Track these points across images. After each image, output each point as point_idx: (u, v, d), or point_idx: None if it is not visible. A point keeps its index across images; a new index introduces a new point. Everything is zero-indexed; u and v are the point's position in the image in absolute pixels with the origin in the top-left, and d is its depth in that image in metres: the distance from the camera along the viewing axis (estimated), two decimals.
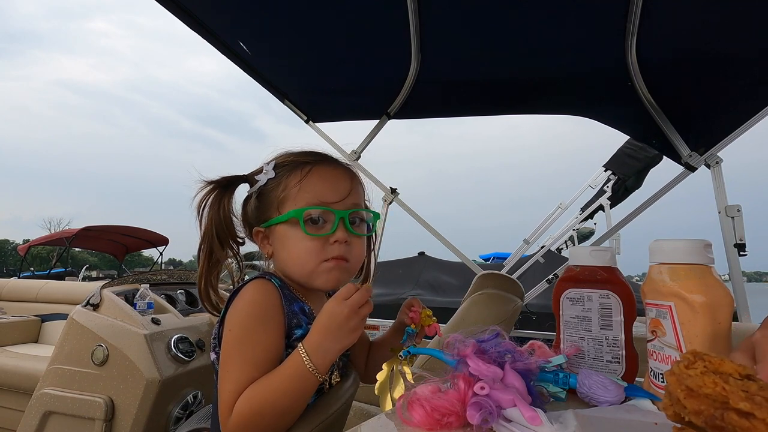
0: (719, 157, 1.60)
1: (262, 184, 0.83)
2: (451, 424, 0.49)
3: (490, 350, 0.58)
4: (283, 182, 0.81)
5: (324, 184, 0.81)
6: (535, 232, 3.77)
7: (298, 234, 0.78)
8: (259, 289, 0.77)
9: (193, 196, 0.85)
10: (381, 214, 2.05)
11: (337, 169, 0.85)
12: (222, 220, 0.85)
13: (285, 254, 0.81)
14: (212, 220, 0.84)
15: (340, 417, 0.83)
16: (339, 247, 0.79)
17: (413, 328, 0.81)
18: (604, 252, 0.72)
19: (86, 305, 1.55)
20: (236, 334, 0.73)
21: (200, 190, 0.85)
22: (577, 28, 1.49)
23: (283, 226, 0.80)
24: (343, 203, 0.80)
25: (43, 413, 1.43)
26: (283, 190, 0.81)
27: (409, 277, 5.48)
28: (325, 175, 0.82)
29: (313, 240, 0.78)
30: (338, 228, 0.78)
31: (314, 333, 0.71)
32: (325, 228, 0.79)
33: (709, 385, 0.33)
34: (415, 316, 0.82)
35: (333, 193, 0.80)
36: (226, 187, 0.86)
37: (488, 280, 1.91)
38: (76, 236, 9.21)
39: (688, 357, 0.37)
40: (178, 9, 1.42)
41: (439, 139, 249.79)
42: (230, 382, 0.70)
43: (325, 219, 0.79)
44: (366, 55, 1.77)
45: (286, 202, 0.80)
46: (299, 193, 0.80)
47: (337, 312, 0.70)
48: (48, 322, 3.15)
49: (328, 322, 0.70)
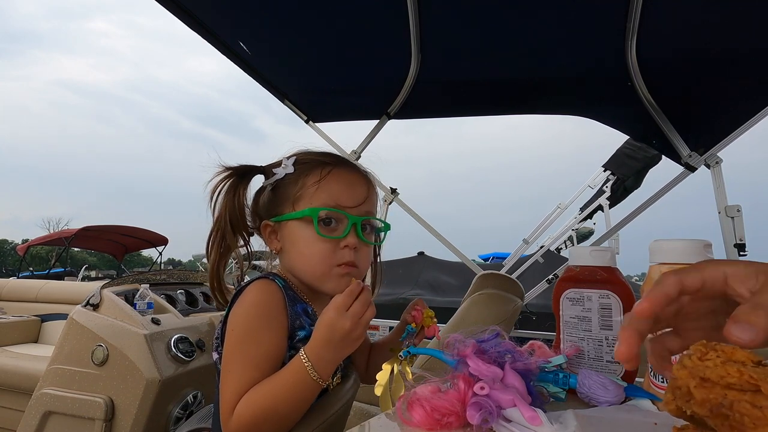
0: (719, 157, 1.60)
1: (279, 178, 0.83)
2: (451, 424, 0.49)
3: (490, 350, 0.59)
4: (302, 179, 0.81)
5: (342, 187, 0.81)
6: (534, 232, 3.77)
7: (309, 233, 0.78)
8: (263, 289, 0.77)
9: (208, 180, 0.83)
10: (381, 214, 2.04)
11: (356, 175, 0.85)
12: (236, 207, 0.84)
13: (295, 252, 0.81)
14: (226, 206, 0.84)
15: (340, 417, 0.83)
16: (349, 253, 0.79)
17: (413, 327, 0.82)
18: (604, 252, 0.72)
19: (86, 305, 1.55)
20: (239, 335, 0.73)
21: (216, 174, 0.84)
22: (577, 28, 1.49)
23: (296, 223, 0.80)
24: (357, 209, 0.80)
25: (43, 413, 1.43)
26: (300, 187, 0.81)
27: (409, 277, 5.48)
28: (344, 178, 0.82)
29: (324, 242, 0.78)
30: (350, 233, 0.78)
31: (316, 345, 0.70)
32: (337, 231, 0.79)
33: (734, 374, 0.32)
34: (417, 315, 0.83)
35: (349, 198, 0.80)
36: (243, 176, 0.86)
37: (488, 280, 1.91)
38: (75, 236, 9.21)
39: (700, 348, 0.35)
40: (178, 9, 1.42)
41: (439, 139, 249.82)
42: (232, 383, 0.70)
43: (338, 222, 0.79)
44: (366, 55, 1.77)
45: (302, 199, 0.80)
46: (316, 193, 0.80)
47: (339, 326, 0.69)
48: (48, 322, 3.15)
49: (330, 335, 0.69)
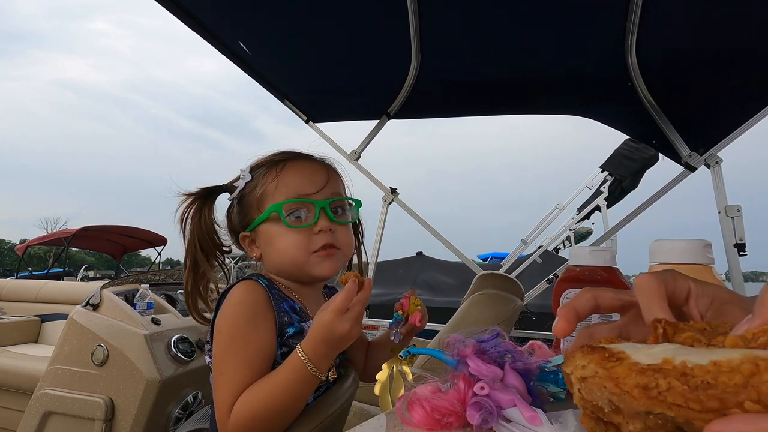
0: (719, 157, 1.60)
1: (241, 189, 0.85)
2: (451, 425, 0.49)
3: (490, 350, 0.58)
4: (260, 182, 0.83)
5: (300, 177, 0.82)
6: (533, 233, 3.78)
7: (281, 229, 0.80)
8: (246, 289, 0.77)
9: (174, 210, 0.86)
10: (381, 215, 2.05)
11: (312, 162, 0.86)
12: (204, 230, 0.86)
13: (273, 252, 0.82)
14: (194, 231, 0.85)
15: (340, 417, 0.83)
16: (324, 236, 0.80)
17: (400, 315, 0.82)
18: (604, 252, 0.72)
19: (86, 305, 1.55)
20: (227, 336, 0.73)
21: (181, 203, 0.86)
22: (577, 28, 1.49)
23: (266, 225, 0.81)
24: (321, 193, 0.81)
25: (43, 413, 1.43)
26: (261, 190, 0.82)
27: (407, 277, 5.48)
28: (300, 168, 0.84)
29: (297, 232, 0.79)
30: (320, 218, 0.79)
31: (314, 342, 0.70)
32: (307, 219, 0.80)
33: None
34: (405, 303, 0.83)
35: (310, 185, 0.81)
36: (206, 198, 0.87)
37: (488, 280, 1.91)
38: (74, 236, 9.20)
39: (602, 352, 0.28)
40: (178, 9, 1.41)
41: (439, 139, 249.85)
42: (225, 384, 0.70)
43: (306, 211, 0.80)
44: (366, 55, 1.77)
45: (265, 200, 0.81)
46: (277, 189, 0.81)
47: (339, 329, 0.68)
48: (48, 322, 3.15)
49: (328, 335, 0.69)
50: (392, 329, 0.81)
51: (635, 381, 0.26)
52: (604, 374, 0.27)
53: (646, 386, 0.25)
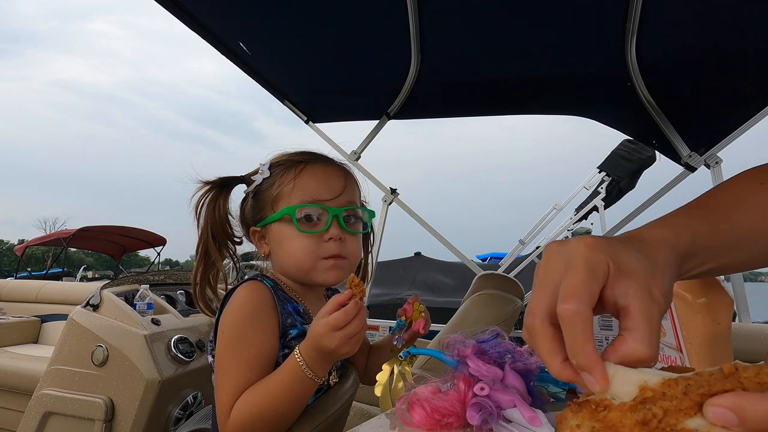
0: (719, 158, 1.60)
1: (258, 184, 0.85)
2: (451, 425, 0.49)
3: (490, 351, 0.58)
4: (278, 181, 0.83)
5: (317, 181, 0.82)
6: (531, 233, 3.78)
7: (292, 232, 0.79)
8: (251, 290, 0.77)
9: (190, 197, 0.86)
10: (381, 215, 2.05)
11: (331, 168, 0.86)
12: (218, 220, 0.86)
13: (281, 252, 0.82)
14: (208, 220, 0.86)
15: (340, 418, 0.83)
16: (334, 245, 0.79)
17: (403, 321, 0.82)
18: None
19: (86, 306, 1.55)
20: (230, 336, 0.73)
21: (197, 190, 0.86)
22: (577, 28, 1.49)
23: (278, 224, 0.81)
24: (336, 201, 0.81)
25: (43, 414, 1.43)
26: (278, 189, 0.82)
27: (406, 277, 5.49)
28: (319, 173, 0.83)
29: (307, 237, 0.79)
30: (332, 225, 0.79)
31: (310, 348, 0.69)
32: (318, 225, 0.79)
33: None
34: (408, 309, 0.83)
35: (326, 191, 0.81)
36: (223, 188, 0.88)
37: (488, 280, 1.91)
38: (73, 236, 9.19)
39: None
40: (178, 9, 1.41)
41: (438, 139, 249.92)
42: (227, 385, 0.70)
43: (319, 217, 0.80)
44: (366, 56, 1.77)
45: (280, 200, 0.81)
46: (293, 191, 0.80)
47: (326, 343, 0.67)
48: (48, 322, 3.15)
49: (319, 346, 0.67)
50: (395, 334, 0.81)
51: (632, 420, 0.27)
52: (601, 427, 0.28)
53: (644, 421, 0.26)
